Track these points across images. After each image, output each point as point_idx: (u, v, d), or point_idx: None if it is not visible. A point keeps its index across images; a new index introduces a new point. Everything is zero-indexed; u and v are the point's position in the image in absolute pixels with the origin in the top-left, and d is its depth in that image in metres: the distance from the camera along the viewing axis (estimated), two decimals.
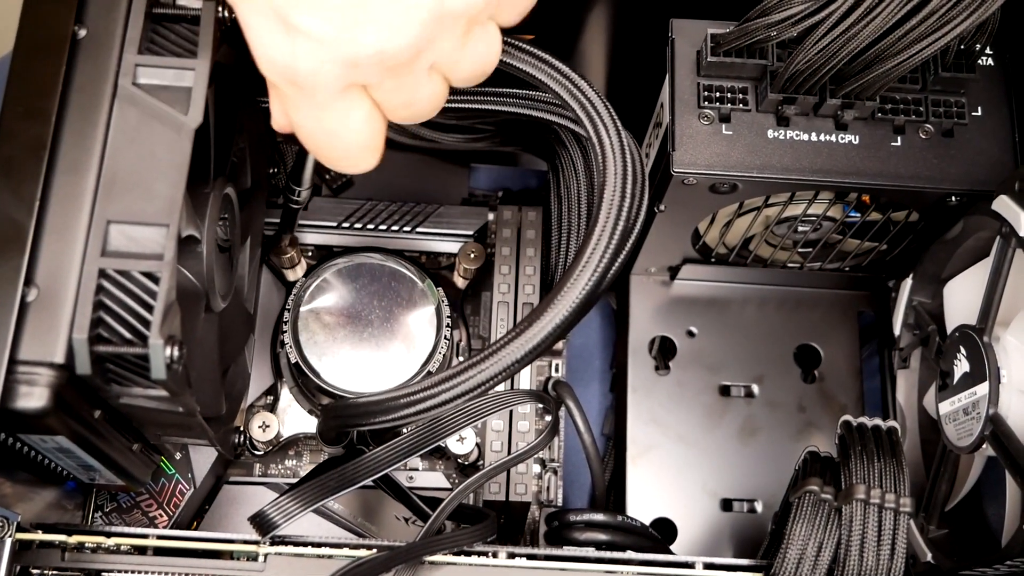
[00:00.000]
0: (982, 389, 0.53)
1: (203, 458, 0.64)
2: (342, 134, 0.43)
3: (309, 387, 0.64)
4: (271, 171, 0.68)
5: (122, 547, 0.52)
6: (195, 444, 0.63)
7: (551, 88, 0.48)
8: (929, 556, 0.59)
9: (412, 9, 0.38)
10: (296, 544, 0.52)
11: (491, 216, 0.69)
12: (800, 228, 0.62)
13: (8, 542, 0.49)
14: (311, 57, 0.39)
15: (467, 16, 0.40)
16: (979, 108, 0.57)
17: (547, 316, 0.44)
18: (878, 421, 0.53)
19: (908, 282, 0.63)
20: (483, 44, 0.42)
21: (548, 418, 0.64)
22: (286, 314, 0.64)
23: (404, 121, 0.43)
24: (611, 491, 0.69)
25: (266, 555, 0.52)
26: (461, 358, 0.68)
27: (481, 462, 0.64)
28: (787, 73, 0.54)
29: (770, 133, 0.56)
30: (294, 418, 0.66)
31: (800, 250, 0.65)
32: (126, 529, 0.53)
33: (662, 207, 0.59)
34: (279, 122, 0.44)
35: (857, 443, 0.51)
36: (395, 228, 0.68)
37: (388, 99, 0.42)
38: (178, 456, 0.64)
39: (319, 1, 0.37)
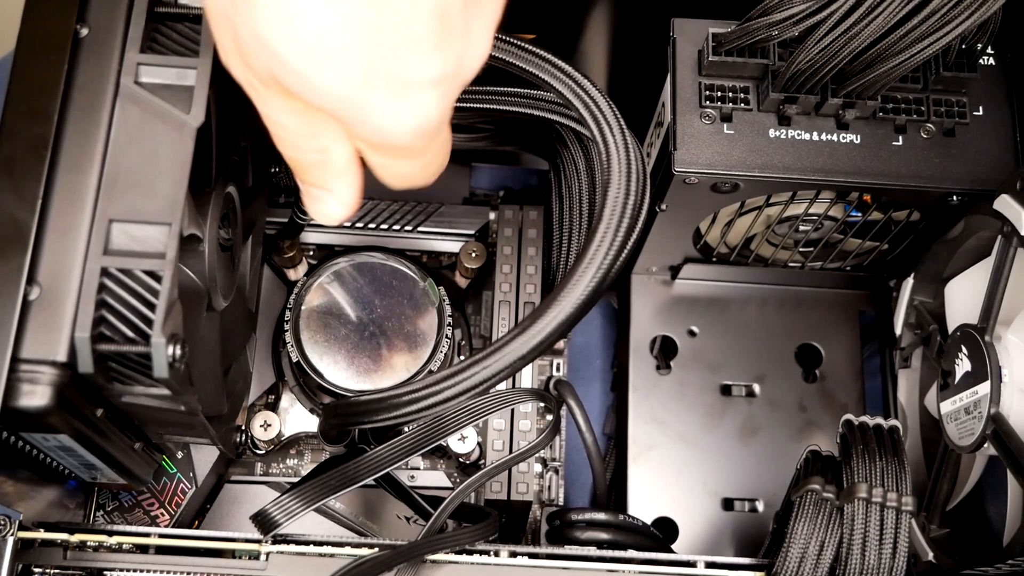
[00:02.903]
0: (983, 388, 0.53)
1: (205, 457, 0.64)
2: (442, 157, 0.43)
3: (310, 386, 0.64)
4: (273, 170, 0.68)
5: (124, 546, 0.52)
6: (197, 443, 0.63)
7: (555, 88, 0.48)
8: (931, 555, 0.59)
9: (495, 14, 0.38)
10: (298, 543, 0.52)
11: (492, 215, 0.69)
12: (801, 227, 0.62)
13: (10, 540, 0.49)
14: (439, 98, 0.38)
15: None
16: (980, 107, 0.57)
17: (550, 314, 0.44)
18: (879, 420, 0.53)
19: (909, 281, 0.63)
20: None
21: (549, 417, 0.64)
22: (287, 313, 0.64)
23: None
24: (612, 490, 0.69)
25: (268, 554, 0.52)
26: (462, 357, 0.68)
27: (482, 461, 0.64)
28: (788, 72, 0.54)
29: (771, 132, 0.56)
30: (295, 417, 0.66)
31: (801, 249, 0.65)
32: (128, 528, 0.53)
33: (663, 206, 0.59)
34: (352, 203, 0.44)
35: (859, 442, 0.51)
36: (396, 227, 0.68)
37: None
38: (180, 455, 0.64)
39: (434, 46, 0.36)
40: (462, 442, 0.64)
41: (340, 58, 0.35)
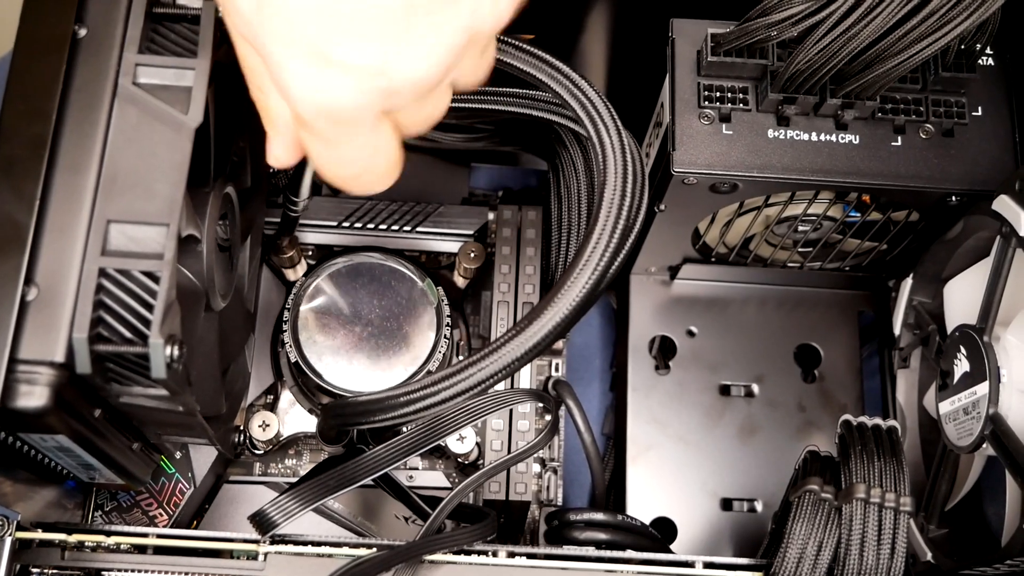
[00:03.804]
0: (982, 389, 0.53)
1: (203, 457, 0.64)
2: (374, 162, 0.42)
3: (309, 386, 0.64)
4: (271, 171, 0.68)
5: (122, 546, 0.52)
6: (195, 443, 0.63)
7: (552, 88, 0.48)
8: (929, 556, 0.59)
9: (448, 34, 0.37)
10: (296, 543, 0.52)
11: (491, 215, 0.69)
12: (800, 228, 0.62)
13: (8, 541, 0.49)
14: (354, 90, 0.37)
15: (494, 32, 0.40)
16: (979, 108, 0.57)
17: (547, 314, 0.44)
18: (878, 420, 0.53)
19: (908, 282, 0.63)
20: (492, 50, 0.42)
21: (548, 417, 0.64)
22: (286, 313, 0.64)
23: (414, 134, 0.43)
24: (611, 490, 0.69)
25: (266, 554, 0.52)
26: (461, 357, 0.68)
27: (481, 461, 0.64)
28: (787, 73, 0.54)
29: (770, 133, 0.56)
30: (294, 417, 0.66)
31: (800, 250, 0.65)
32: (126, 528, 0.53)
33: (662, 207, 0.59)
34: (282, 158, 0.44)
35: (857, 442, 0.51)
36: (395, 227, 0.68)
37: (410, 118, 0.42)
38: (178, 455, 0.64)
39: (360, 33, 0.36)
40: (460, 442, 0.64)
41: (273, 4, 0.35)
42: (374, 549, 0.52)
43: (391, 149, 0.42)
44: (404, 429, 0.53)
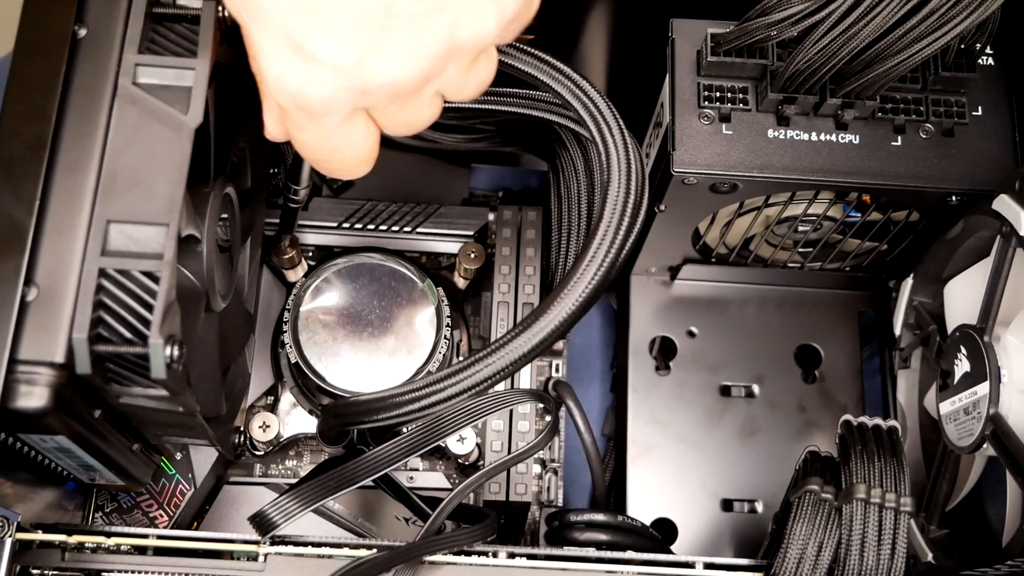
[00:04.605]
0: (983, 389, 0.53)
1: (203, 458, 0.64)
2: (343, 152, 0.43)
3: (309, 387, 0.64)
4: (271, 171, 0.68)
5: (122, 547, 0.52)
6: (195, 444, 0.63)
7: (554, 90, 0.49)
8: (930, 556, 0.59)
9: (426, 42, 0.38)
10: (296, 544, 0.52)
11: (491, 216, 0.69)
12: (800, 228, 0.62)
13: (8, 542, 0.49)
14: (324, 85, 0.39)
15: (477, 48, 0.40)
16: (979, 108, 0.57)
17: (550, 314, 0.44)
18: (878, 421, 0.53)
19: (908, 282, 0.63)
20: (486, 67, 0.43)
21: (548, 418, 0.64)
22: (286, 314, 0.64)
23: (400, 135, 0.44)
24: (611, 491, 0.69)
25: (266, 555, 0.52)
26: (460, 358, 0.68)
27: (481, 462, 0.64)
28: (787, 73, 0.54)
29: (770, 133, 0.56)
30: (294, 418, 0.66)
31: (800, 250, 0.65)
32: (126, 529, 0.53)
33: (662, 207, 0.59)
34: (273, 132, 0.44)
35: (857, 443, 0.51)
36: (395, 228, 0.68)
37: (389, 120, 0.42)
38: (178, 456, 0.64)
39: (335, 30, 0.37)
40: (461, 443, 0.64)
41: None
42: (374, 550, 0.51)
43: (362, 144, 0.43)
44: (404, 430, 0.53)
